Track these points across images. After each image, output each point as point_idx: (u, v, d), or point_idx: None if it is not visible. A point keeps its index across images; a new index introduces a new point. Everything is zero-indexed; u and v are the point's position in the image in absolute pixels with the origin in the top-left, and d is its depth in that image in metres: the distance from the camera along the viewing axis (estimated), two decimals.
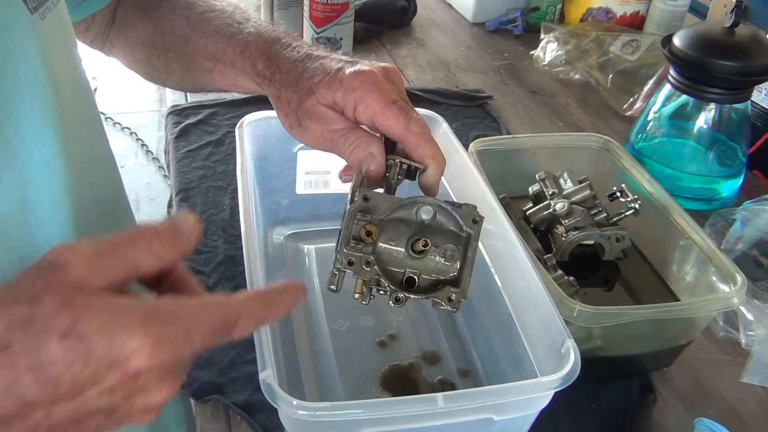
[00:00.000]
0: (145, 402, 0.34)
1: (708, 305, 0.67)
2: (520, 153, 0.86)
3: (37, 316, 0.31)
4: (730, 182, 0.95)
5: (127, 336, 0.31)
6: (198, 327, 0.34)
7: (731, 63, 0.85)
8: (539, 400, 0.52)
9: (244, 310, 0.36)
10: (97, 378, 0.32)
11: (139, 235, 0.35)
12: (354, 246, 0.49)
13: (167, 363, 0.33)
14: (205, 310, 0.35)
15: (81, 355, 0.31)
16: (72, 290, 0.32)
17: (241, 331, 0.36)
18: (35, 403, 0.32)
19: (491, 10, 1.43)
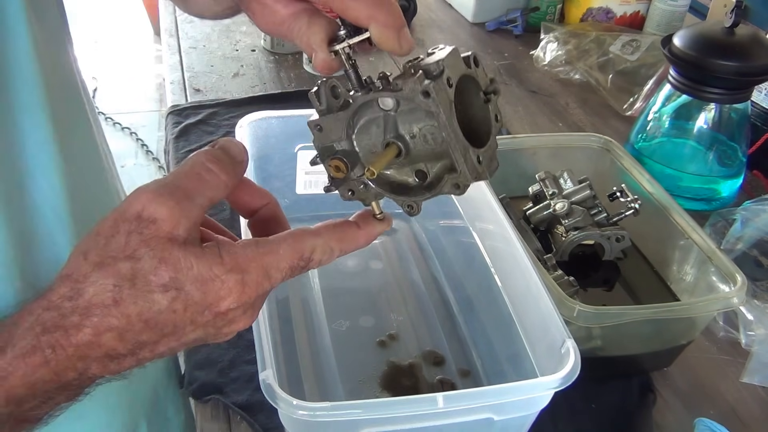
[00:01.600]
0: (230, 329, 0.40)
1: (708, 305, 0.67)
2: (520, 153, 0.86)
3: (140, 271, 0.36)
4: (730, 182, 0.95)
5: (219, 284, 0.36)
6: (276, 266, 0.38)
7: (731, 63, 0.85)
8: (539, 400, 0.52)
9: (318, 244, 0.40)
10: (194, 318, 0.37)
11: (207, 169, 0.38)
12: (340, 182, 0.45)
13: (251, 300, 0.38)
14: (283, 249, 0.39)
15: (182, 302, 0.36)
16: (166, 242, 0.36)
17: (318, 263, 0.41)
18: (144, 343, 0.37)
19: (491, 10, 1.43)
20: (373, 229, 0.43)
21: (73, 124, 0.54)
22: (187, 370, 0.69)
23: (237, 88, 1.16)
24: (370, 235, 0.43)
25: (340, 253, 0.41)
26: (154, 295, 0.36)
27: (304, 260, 0.39)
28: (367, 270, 0.80)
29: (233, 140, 0.41)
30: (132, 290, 0.36)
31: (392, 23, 0.42)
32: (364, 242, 0.43)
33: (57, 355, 0.36)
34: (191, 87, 1.16)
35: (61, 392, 0.38)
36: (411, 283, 0.79)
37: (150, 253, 0.36)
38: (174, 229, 0.36)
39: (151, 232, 0.36)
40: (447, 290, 0.78)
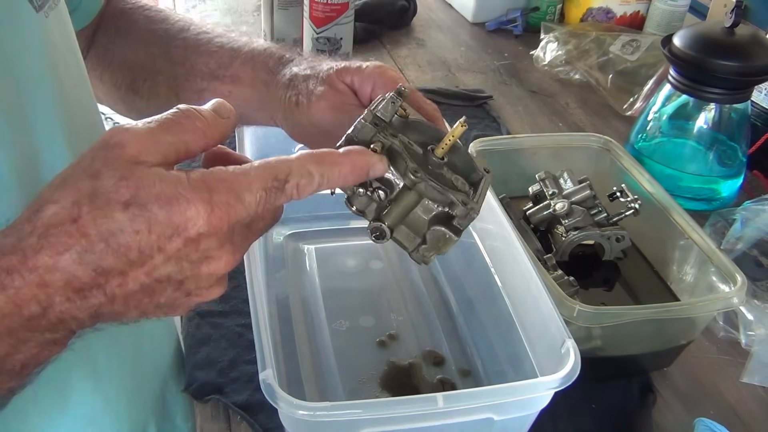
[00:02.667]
0: (209, 269, 0.37)
1: (708, 305, 0.67)
2: (520, 153, 0.86)
3: (100, 188, 0.34)
4: (730, 182, 0.95)
5: (184, 203, 0.34)
6: (248, 187, 0.36)
7: (731, 63, 0.85)
8: (539, 400, 0.52)
9: (295, 165, 0.38)
10: (161, 244, 0.35)
11: (185, 116, 0.37)
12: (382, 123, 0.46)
13: (224, 227, 0.36)
14: (254, 170, 0.37)
15: (144, 222, 0.34)
16: (129, 164, 0.34)
17: (296, 189, 0.38)
18: (108, 271, 0.35)
19: (491, 10, 1.43)
20: (358, 155, 0.41)
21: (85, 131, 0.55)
22: (187, 370, 0.69)
23: None
24: (355, 163, 0.40)
25: (320, 178, 0.39)
26: (114, 213, 0.34)
27: (279, 181, 0.37)
28: (367, 270, 0.80)
29: (222, 101, 0.40)
30: (91, 207, 0.34)
31: None
32: (348, 169, 0.40)
33: (13, 280, 0.34)
34: None
35: (30, 334, 0.35)
36: (411, 283, 0.79)
37: (111, 172, 0.34)
38: (140, 154, 0.35)
39: (114, 154, 0.35)
40: (447, 290, 0.78)
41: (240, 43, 0.63)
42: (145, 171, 0.35)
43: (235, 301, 0.75)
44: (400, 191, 0.45)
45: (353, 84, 0.56)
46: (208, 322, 0.72)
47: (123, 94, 0.68)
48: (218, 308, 0.74)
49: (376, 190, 0.44)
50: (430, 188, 0.45)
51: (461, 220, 0.46)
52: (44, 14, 0.48)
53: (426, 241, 0.47)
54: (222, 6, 1.47)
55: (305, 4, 1.17)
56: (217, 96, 0.62)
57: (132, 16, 0.68)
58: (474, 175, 0.51)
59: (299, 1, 1.20)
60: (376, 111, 0.45)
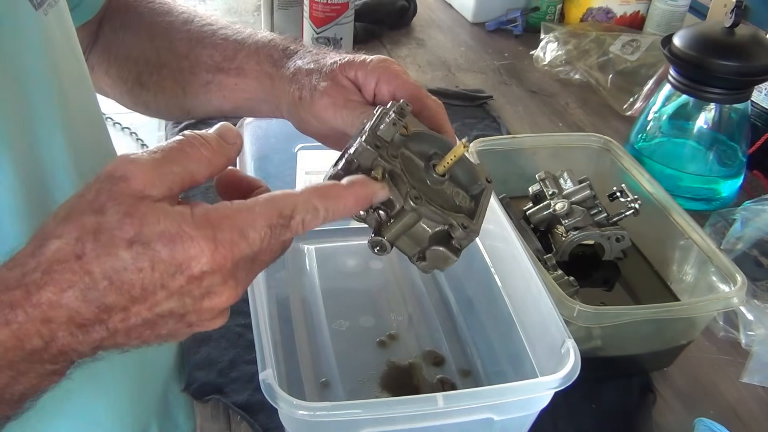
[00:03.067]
0: (211, 304, 0.37)
1: (708, 305, 0.67)
2: (520, 153, 0.86)
3: (105, 225, 0.34)
4: (730, 182, 0.95)
5: (188, 241, 0.34)
6: (252, 224, 0.36)
7: (731, 63, 0.85)
8: (539, 400, 0.52)
9: (300, 201, 0.38)
10: (164, 282, 0.35)
11: (190, 144, 0.37)
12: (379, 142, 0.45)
13: (228, 264, 0.36)
14: (259, 207, 0.37)
15: (148, 260, 0.34)
16: (134, 199, 0.34)
17: (301, 224, 0.38)
18: (111, 308, 0.35)
19: (491, 10, 1.43)
20: (363, 187, 0.41)
21: (86, 130, 0.55)
22: (187, 370, 0.69)
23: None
24: (358, 195, 0.40)
25: (325, 212, 0.39)
26: (118, 250, 0.34)
27: (284, 218, 0.37)
28: (367, 270, 0.80)
29: (228, 125, 0.41)
30: (95, 244, 0.34)
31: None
32: (352, 202, 0.40)
33: (17, 316, 0.34)
34: None
35: (32, 366, 0.36)
36: (411, 283, 0.79)
37: (116, 207, 0.34)
38: (145, 188, 0.35)
39: (120, 188, 0.35)
40: (447, 290, 0.78)
41: (244, 35, 0.63)
42: (150, 207, 0.35)
43: None
44: (400, 211, 0.45)
45: (357, 79, 0.56)
46: None
47: (130, 88, 0.68)
48: None
49: (376, 210, 0.45)
50: (430, 212, 0.45)
51: (461, 240, 0.46)
52: (43, 12, 0.48)
53: (425, 257, 0.47)
54: (222, 6, 1.47)
55: (305, 4, 1.17)
56: (223, 89, 0.63)
57: (136, 9, 0.67)
58: (476, 187, 0.51)
59: (299, 1, 1.20)
60: (377, 130, 0.45)
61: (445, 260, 0.47)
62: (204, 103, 0.65)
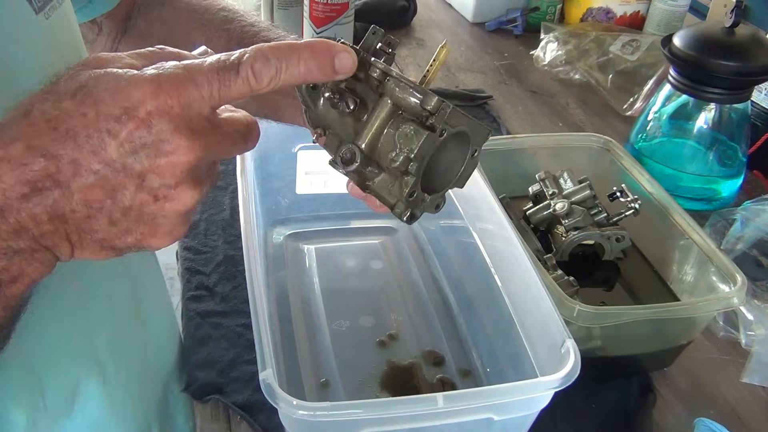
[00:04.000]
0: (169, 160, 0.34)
1: (708, 305, 0.67)
2: (520, 153, 0.86)
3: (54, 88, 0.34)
4: (730, 182, 0.95)
5: (132, 84, 0.33)
6: (199, 67, 0.35)
7: (731, 63, 0.85)
8: (539, 400, 0.52)
9: (250, 49, 0.36)
10: (110, 127, 0.33)
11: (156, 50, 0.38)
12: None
13: (175, 108, 0.34)
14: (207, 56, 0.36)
15: (91, 104, 0.33)
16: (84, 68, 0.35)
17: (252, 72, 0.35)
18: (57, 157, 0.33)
19: (491, 10, 1.43)
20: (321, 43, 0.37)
21: None
22: (187, 370, 0.69)
23: None
24: (316, 50, 0.37)
25: (278, 63, 0.36)
26: (62, 102, 0.34)
27: (232, 63, 0.35)
28: (367, 270, 0.80)
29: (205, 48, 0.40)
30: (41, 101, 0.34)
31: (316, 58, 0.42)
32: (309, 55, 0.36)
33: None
34: None
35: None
36: (411, 283, 0.79)
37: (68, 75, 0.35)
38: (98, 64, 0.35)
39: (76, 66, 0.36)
40: (447, 290, 0.78)
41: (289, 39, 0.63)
42: (98, 70, 0.35)
43: (235, 301, 0.75)
44: (372, 103, 0.41)
45: None
46: (208, 322, 0.72)
47: None
48: (218, 308, 0.74)
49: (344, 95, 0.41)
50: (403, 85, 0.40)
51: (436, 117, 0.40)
52: (45, 16, 0.47)
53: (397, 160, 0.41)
54: None
55: (305, 4, 1.17)
56: None
57: (173, 4, 0.66)
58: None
59: (299, 1, 1.20)
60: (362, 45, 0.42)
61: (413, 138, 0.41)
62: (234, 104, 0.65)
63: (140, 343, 0.64)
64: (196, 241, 0.83)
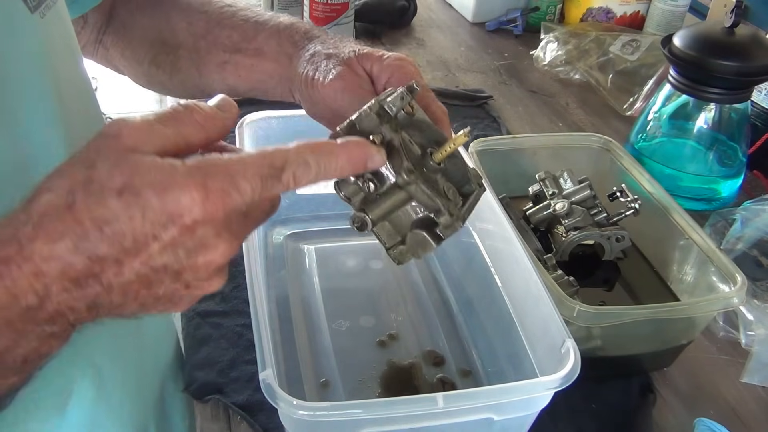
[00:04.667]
0: (206, 259, 0.36)
1: (708, 305, 0.67)
2: (520, 153, 0.86)
3: (95, 176, 0.34)
4: (730, 182, 0.95)
5: (178, 191, 0.34)
6: (243, 174, 0.35)
7: (731, 63, 0.85)
8: (539, 400, 0.52)
9: (291, 154, 0.37)
10: (156, 232, 0.34)
11: (183, 109, 0.37)
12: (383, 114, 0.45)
13: (220, 215, 0.35)
14: (250, 158, 0.36)
15: (139, 209, 0.33)
16: (124, 152, 0.34)
17: (293, 179, 0.37)
18: (104, 259, 0.34)
19: (491, 10, 1.43)
20: (357, 147, 0.40)
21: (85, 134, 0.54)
22: (187, 370, 0.69)
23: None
24: (352, 154, 0.40)
25: (317, 167, 0.38)
26: (108, 200, 0.33)
27: (275, 169, 0.36)
28: (367, 270, 0.80)
29: (225, 96, 0.40)
30: (85, 195, 0.33)
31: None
32: (345, 160, 0.39)
33: (10, 270, 0.33)
34: None
35: (28, 326, 0.35)
36: (411, 283, 0.79)
37: (106, 160, 0.34)
38: (136, 144, 0.35)
39: (110, 144, 0.35)
40: (447, 290, 0.78)
41: (265, 17, 0.64)
42: (140, 158, 0.34)
43: (235, 301, 0.75)
44: (391, 187, 0.44)
45: (372, 71, 0.57)
46: (208, 322, 0.72)
47: (146, 69, 0.68)
48: (218, 308, 0.74)
49: (367, 181, 0.44)
50: (421, 191, 0.45)
51: (445, 229, 0.46)
52: (40, 14, 0.47)
53: (405, 242, 0.47)
54: None
55: (305, 4, 1.17)
56: (239, 69, 0.63)
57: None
58: (467, 187, 0.50)
59: (299, 1, 1.20)
60: (383, 102, 0.45)
61: (424, 246, 0.47)
62: (218, 82, 0.66)
63: (136, 342, 0.64)
64: None
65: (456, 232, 0.46)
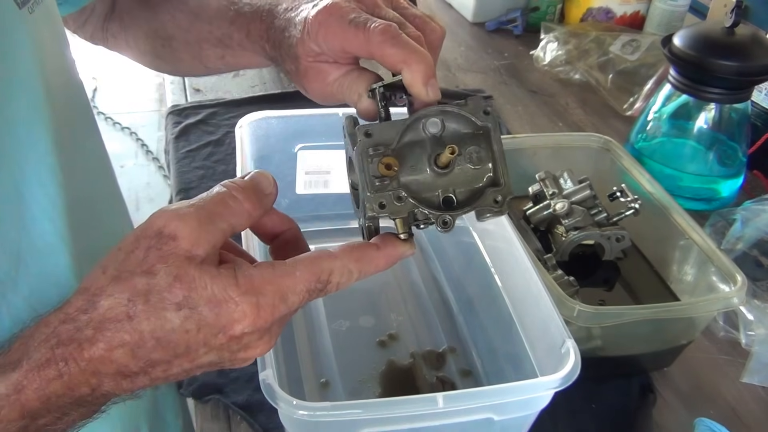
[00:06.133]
0: (246, 355, 0.39)
1: (708, 305, 0.67)
2: (520, 153, 0.86)
3: (155, 287, 0.36)
4: (730, 182, 0.95)
5: (233, 305, 0.36)
6: (293, 289, 0.38)
7: (731, 63, 0.85)
8: (539, 400, 0.52)
9: (337, 266, 0.40)
10: (207, 340, 0.37)
11: (232, 197, 0.39)
12: (379, 186, 0.43)
13: (267, 326, 0.38)
14: (299, 271, 0.39)
15: (195, 322, 0.36)
16: (183, 262, 0.36)
17: (336, 287, 0.40)
18: (156, 362, 0.37)
19: (491, 10, 1.43)
20: (394, 249, 0.42)
21: (73, 132, 0.54)
22: None
23: (237, 88, 1.16)
24: (390, 257, 0.42)
25: (359, 275, 0.41)
26: (167, 313, 0.36)
27: (322, 282, 0.39)
28: None
29: (263, 172, 0.42)
30: (146, 306, 0.36)
31: (422, 71, 0.46)
32: (384, 264, 0.42)
33: (70, 369, 0.36)
34: (191, 87, 1.16)
35: (76, 408, 0.38)
36: (411, 283, 0.79)
37: (166, 269, 0.36)
38: (193, 247, 0.36)
39: (169, 248, 0.36)
40: (447, 290, 0.78)
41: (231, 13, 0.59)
42: (198, 270, 0.36)
43: None
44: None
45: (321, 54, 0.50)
46: None
47: (150, 60, 0.69)
48: None
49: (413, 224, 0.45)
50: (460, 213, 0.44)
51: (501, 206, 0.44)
52: (28, 10, 0.47)
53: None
54: None
55: None
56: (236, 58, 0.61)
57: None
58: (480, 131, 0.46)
59: None
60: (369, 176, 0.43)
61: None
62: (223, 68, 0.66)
63: None
64: None
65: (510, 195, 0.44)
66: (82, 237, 0.51)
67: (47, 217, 0.48)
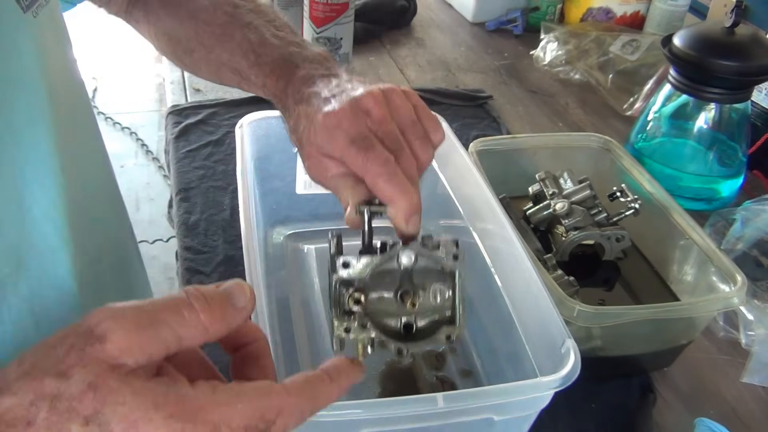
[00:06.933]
0: None
1: (708, 305, 0.67)
2: (520, 153, 0.86)
3: (65, 394, 0.30)
4: (730, 182, 0.95)
5: (151, 430, 0.31)
6: (228, 423, 0.32)
7: (731, 63, 0.85)
8: (539, 400, 0.52)
9: (286, 405, 0.34)
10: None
11: (188, 305, 0.33)
12: (347, 312, 0.49)
13: None
14: (242, 404, 0.33)
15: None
16: (104, 370, 0.31)
17: (284, 428, 0.34)
18: None
19: (491, 10, 1.44)
20: (346, 379, 0.39)
21: (74, 133, 0.54)
22: None
23: (237, 89, 1.16)
24: (342, 388, 0.38)
25: (310, 414, 0.36)
26: (71, 425, 0.30)
27: (265, 422, 0.33)
28: None
29: (242, 284, 0.36)
30: (49, 413, 0.30)
31: (406, 210, 0.47)
32: (336, 396, 0.38)
33: None
34: (191, 87, 1.16)
35: None
36: None
37: (83, 374, 0.30)
38: (122, 354, 0.31)
39: (94, 350, 0.31)
40: None
41: (249, 60, 0.60)
42: (118, 382, 0.31)
43: None
44: None
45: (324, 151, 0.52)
46: None
47: (169, 57, 0.69)
48: None
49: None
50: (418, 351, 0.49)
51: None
52: (32, 14, 0.47)
53: None
54: None
55: (305, 4, 1.16)
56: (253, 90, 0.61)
57: None
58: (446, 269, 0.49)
59: (299, 1, 1.20)
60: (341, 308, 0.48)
61: None
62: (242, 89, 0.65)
63: None
64: (196, 241, 0.83)
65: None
66: (82, 238, 0.51)
67: (48, 219, 0.48)
